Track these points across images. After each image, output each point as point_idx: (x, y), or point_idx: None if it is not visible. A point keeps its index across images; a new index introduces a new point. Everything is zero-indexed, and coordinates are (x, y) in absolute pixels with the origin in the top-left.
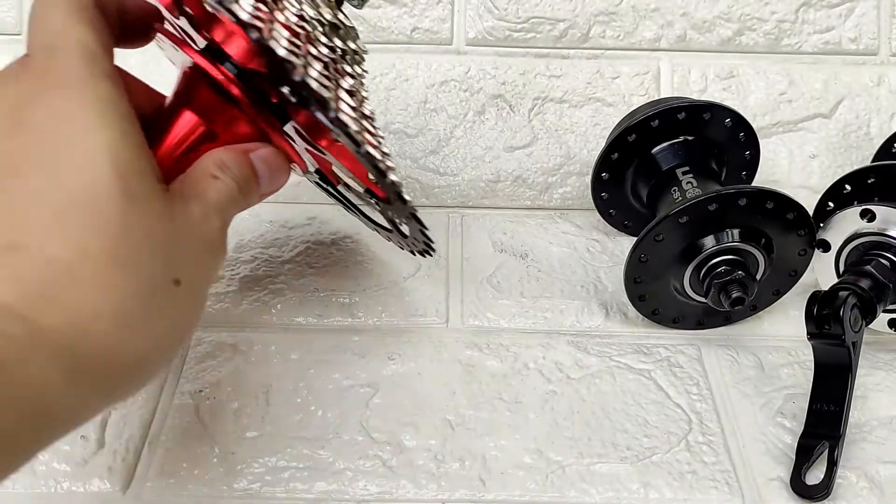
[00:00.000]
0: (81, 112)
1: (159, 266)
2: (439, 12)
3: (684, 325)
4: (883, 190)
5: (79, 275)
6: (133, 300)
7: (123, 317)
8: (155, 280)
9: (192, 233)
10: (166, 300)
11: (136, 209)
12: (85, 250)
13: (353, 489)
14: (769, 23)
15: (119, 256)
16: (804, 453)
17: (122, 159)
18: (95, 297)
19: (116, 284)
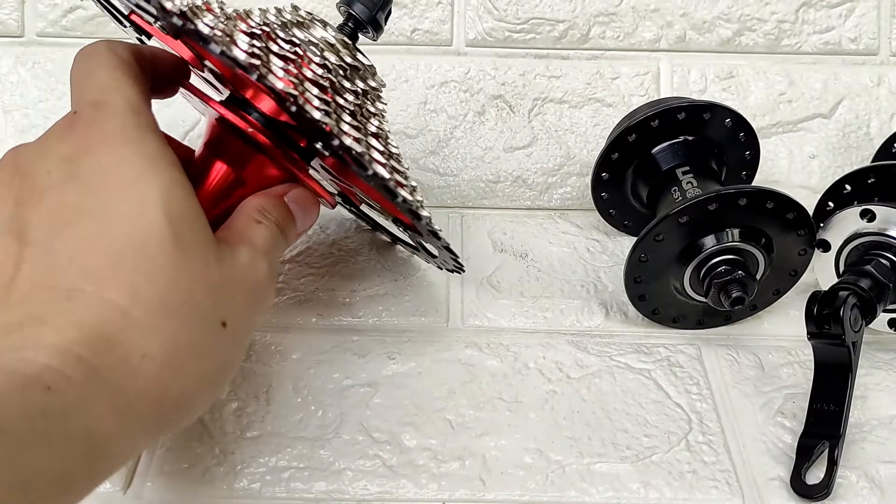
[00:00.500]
0: (131, 163)
1: (208, 310)
2: (439, 13)
3: (684, 324)
4: (883, 190)
5: (132, 318)
6: (181, 342)
7: (171, 357)
8: (203, 323)
9: (241, 277)
10: (213, 341)
11: (187, 255)
12: (138, 294)
13: (354, 489)
14: (769, 23)
15: (170, 300)
16: (804, 453)
17: (173, 207)
18: (146, 338)
19: (166, 327)
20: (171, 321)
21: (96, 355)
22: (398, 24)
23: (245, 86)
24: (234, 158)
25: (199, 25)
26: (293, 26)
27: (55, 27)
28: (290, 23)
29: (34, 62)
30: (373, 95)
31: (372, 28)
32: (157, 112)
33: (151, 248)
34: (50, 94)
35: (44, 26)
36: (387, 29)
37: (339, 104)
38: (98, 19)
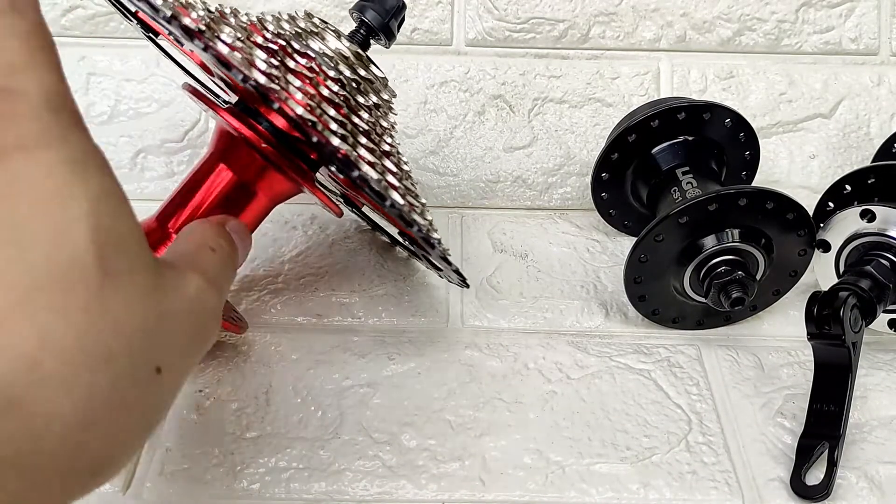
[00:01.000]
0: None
1: (140, 354)
2: (439, 13)
3: (684, 325)
4: (883, 190)
5: (41, 369)
6: (103, 395)
7: (89, 415)
8: (133, 370)
9: (185, 311)
10: (143, 390)
11: (118, 287)
12: (48, 339)
13: (353, 489)
14: (769, 23)
15: (92, 346)
16: (804, 453)
17: (102, 226)
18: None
19: (84, 379)
20: (91, 372)
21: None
22: None
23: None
24: (242, 166)
25: (219, 47)
26: (308, 36)
27: (55, 26)
28: (305, 32)
29: None
30: (385, 108)
31: (384, 36)
32: (155, 111)
33: (72, 281)
34: None
35: None
36: None
37: (354, 124)
38: (98, 18)
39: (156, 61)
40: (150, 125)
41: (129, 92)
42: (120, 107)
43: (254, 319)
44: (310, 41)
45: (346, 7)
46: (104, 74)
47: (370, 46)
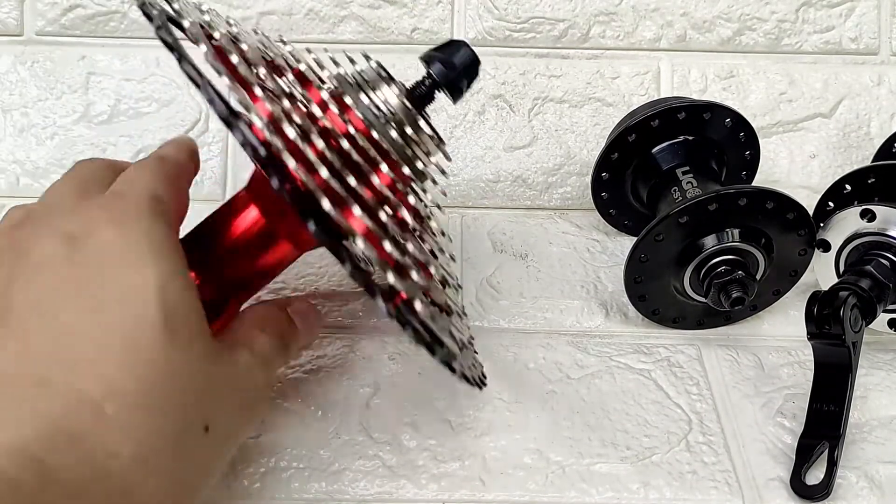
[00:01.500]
0: (134, 247)
1: (191, 411)
2: (439, 12)
3: (684, 324)
4: (883, 190)
5: (104, 413)
6: (157, 443)
7: (144, 458)
8: (184, 425)
9: (234, 382)
10: (192, 445)
11: (178, 350)
12: (115, 389)
13: (353, 489)
14: (769, 22)
15: (151, 397)
16: (804, 453)
17: (170, 298)
18: (116, 437)
19: (142, 425)
20: (148, 420)
21: (54, 453)
22: (398, 24)
23: None
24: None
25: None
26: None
27: (54, 26)
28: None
29: (33, 61)
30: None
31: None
32: (156, 112)
33: (141, 340)
34: (49, 93)
35: (43, 25)
36: (386, 28)
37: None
38: (98, 18)
39: (156, 61)
40: (150, 125)
41: (129, 91)
42: (120, 106)
43: None
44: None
45: (346, 6)
46: (104, 74)
47: (433, 101)
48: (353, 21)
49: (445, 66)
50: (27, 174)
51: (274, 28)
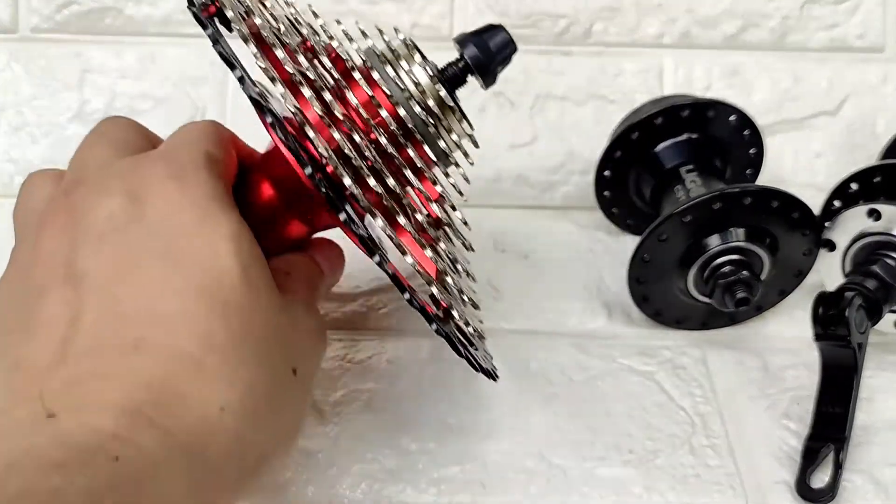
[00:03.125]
0: (199, 203)
1: (280, 357)
2: (439, 8)
3: (688, 326)
4: (889, 189)
5: (205, 368)
6: (258, 391)
7: (250, 408)
8: (277, 370)
9: (302, 325)
10: (286, 390)
11: (259, 300)
12: (212, 343)
13: (352, 493)
14: (774, 19)
15: (245, 347)
16: (810, 456)
17: (243, 249)
18: (222, 390)
19: (242, 376)
20: (247, 369)
21: (169, 416)
22: (397, 20)
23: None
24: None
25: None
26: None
27: (49, 23)
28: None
29: (28, 58)
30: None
31: (482, 77)
32: (152, 110)
33: (225, 292)
34: (44, 90)
35: (38, 22)
36: (385, 24)
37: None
38: (93, 15)
39: (151, 58)
40: (145, 123)
41: (124, 89)
42: (115, 104)
43: None
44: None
45: (344, 2)
46: (99, 71)
47: (464, 84)
48: (351, 17)
49: (480, 49)
50: (21, 173)
51: None
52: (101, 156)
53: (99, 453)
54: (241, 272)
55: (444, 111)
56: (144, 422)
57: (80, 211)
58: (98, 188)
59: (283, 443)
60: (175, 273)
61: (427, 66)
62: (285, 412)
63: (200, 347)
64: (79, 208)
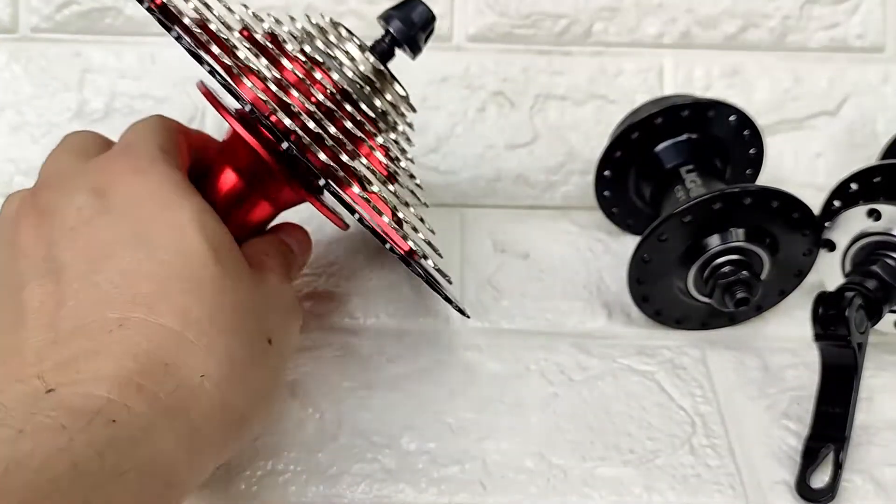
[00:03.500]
0: (160, 191)
1: (254, 326)
2: (439, 8)
3: (688, 326)
4: (889, 189)
5: (186, 340)
6: (236, 358)
7: (229, 374)
8: (252, 339)
9: (275, 298)
10: (262, 358)
11: (229, 275)
12: (190, 318)
13: (352, 493)
14: (774, 19)
15: (220, 319)
16: (810, 456)
17: (208, 229)
18: (202, 358)
19: (220, 345)
20: (223, 339)
21: (156, 382)
22: None
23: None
24: (247, 172)
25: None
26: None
27: (49, 22)
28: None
29: (28, 58)
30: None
31: (409, 48)
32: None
33: (196, 270)
34: (44, 90)
35: (38, 21)
36: None
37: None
38: (92, 15)
39: (151, 58)
40: None
41: (123, 89)
42: (115, 104)
43: None
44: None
45: (344, 2)
46: (99, 71)
47: (393, 57)
48: (351, 17)
49: (404, 23)
50: (21, 173)
51: None
52: (64, 161)
53: (97, 417)
54: (208, 250)
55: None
56: (134, 388)
57: (50, 209)
58: (64, 187)
59: (260, 405)
60: (147, 257)
61: (355, 39)
62: (261, 378)
63: (179, 322)
64: (49, 207)
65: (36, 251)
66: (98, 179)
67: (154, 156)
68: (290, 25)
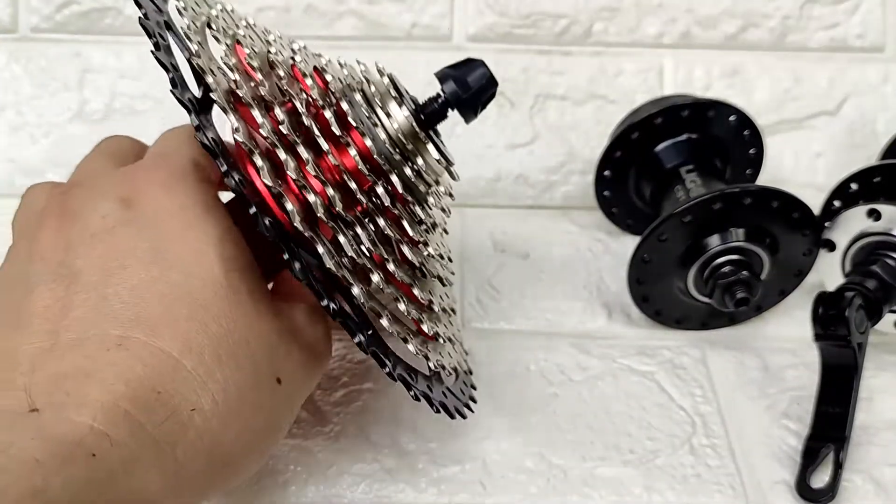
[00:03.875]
0: (188, 209)
1: (262, 363)
2: (439, 8)
3: (688, 326)
4: (889, 189)
5: (183, 369)
6: (233, 394)
7: (222, 410)
8: (257, 376)
9: (297, 334)
10: (266, 397)
11: (243, 305)
12: (191, 345)
13: (352, 493)
14: (774, 19)
15: (223, 351)
16: (810, 456)
17: (228, 255)
18: (197, 391)
19: (218, 378)
20: (223, 372)
21: (144, 410)
22: (397, 19)
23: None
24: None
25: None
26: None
27: (49, 22)
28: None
29: (28, 58)
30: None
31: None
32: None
33: (207, 297)
34: (44, 90)
35: (38, 21)
36: (385, 23)
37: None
38: (92, 14)
39: (151, 58)
40: (145, 122)
41: (124, 89)
42: (115, 104)
43: None
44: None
45: (345, 2)
46: (99, 71)
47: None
48: (351, 17)
49: (458, 85)
50: (21, 173)
51: (271, 24)
52: (98, 165)
53: (77, 450)
54: (223, 276)
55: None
56: (120, 414)
57: (76, 211)
58: (94, 191)
59: (253, 450)
60: (160, 276)
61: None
62: (260, 420)
63: (179, 348)
64: (76, 209)
65: (53, 255)
66: (127, 189)
67: (186, 170)
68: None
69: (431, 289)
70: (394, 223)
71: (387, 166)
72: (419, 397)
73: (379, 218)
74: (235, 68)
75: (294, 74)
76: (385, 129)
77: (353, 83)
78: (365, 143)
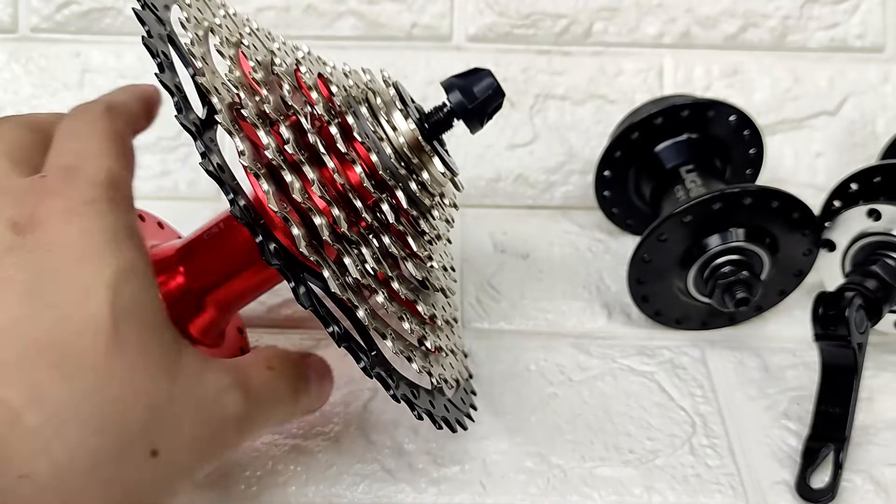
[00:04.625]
0: (89, 237)
1: (135, 430)
2: (439, 8)
3: (688, 326)
4: (889, 189)
5: (22, 425)
6: (82, 463)
7: (62, 481)
8: (124, 444)
9: (199, 403)
10: (129, 470)
11: (126, 359)
12: (42, 397)
13: (352, 493)
14: (774, 19)
15: (84, 411)
16: (810, 456)
17: (122, 297)
18: (33, 453)
19: (66, 441)
20: (76, 435)
21: None
22: (397, 19)
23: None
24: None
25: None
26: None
27: (49, 22)
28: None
29: (28, 58)
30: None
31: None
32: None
33: (81, 345)
34: (44, 90)
35: (38, 21)
36: (385, 23)
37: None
38: (92, 14)
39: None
40: None
41: None
42: None
43: (253, 320)
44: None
45: (344, 2)
46: (99, 71)
47: (450, 128)
48: (351, 17)
49: (464, 95)
50: None
51: (271, 24)
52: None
53: None
54: (110, 323)
55: (422, 157)
56: None
57: None
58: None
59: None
60: (29, 315)
61: (412, 117)
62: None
63: (24, 400)
64: None
65: None
66: (22, 212)
67: (97, 190)
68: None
69: (434, 302)
70: (398, 239)
71: (392, 181)
72: (422, 416)
73: (383, 235)
74: (240, 83)
75: (299, 85)
76: (391, 143)
77: (357, 94)
78: (370, 158)
